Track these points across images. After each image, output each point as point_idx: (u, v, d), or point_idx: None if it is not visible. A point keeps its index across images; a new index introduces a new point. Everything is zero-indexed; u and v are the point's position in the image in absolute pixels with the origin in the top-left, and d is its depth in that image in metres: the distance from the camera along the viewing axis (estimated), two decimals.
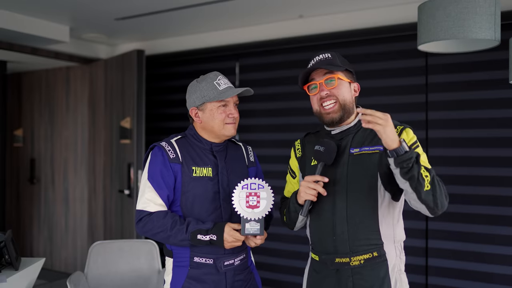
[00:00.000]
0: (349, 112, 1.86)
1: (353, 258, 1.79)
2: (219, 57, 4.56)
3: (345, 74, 1.87)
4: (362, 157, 1.80)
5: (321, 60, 1.88)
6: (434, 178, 1.66)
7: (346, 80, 1.86)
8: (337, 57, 1.89)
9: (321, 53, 1.91)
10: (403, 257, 1.85)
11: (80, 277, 2.85)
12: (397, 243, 1.83)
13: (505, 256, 3.31)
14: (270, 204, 1.88)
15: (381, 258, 1.78)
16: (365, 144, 1.82)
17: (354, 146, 1.84)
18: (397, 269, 1.80)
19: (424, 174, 1.63)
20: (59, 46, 4.69)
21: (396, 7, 3.71)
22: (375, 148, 1.80)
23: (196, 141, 2.04)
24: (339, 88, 1.84)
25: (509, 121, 3.33)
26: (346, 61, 1.92)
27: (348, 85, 1.87)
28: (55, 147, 5.62)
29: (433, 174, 1.67)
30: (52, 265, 5.58)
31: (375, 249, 1.78)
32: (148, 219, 1.93)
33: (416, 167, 1.62)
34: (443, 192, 1.68)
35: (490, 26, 2.16)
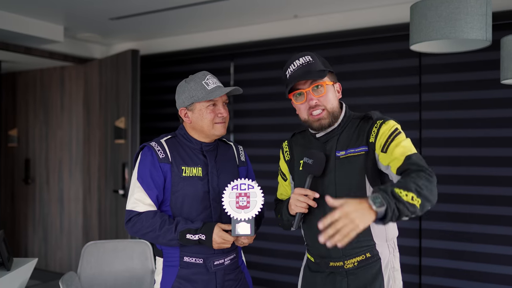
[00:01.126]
0: (336, 117, 1.83)
1: (346, 262, 1.79)
2: (214, 57, 4.56)
3: (329, 76, 1.82)
4: (348, 160, 1.78)
5: (303, 65, 1.80)
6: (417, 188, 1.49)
7: (331, 84, 1.82)
8: (317, 59, 1.82)
9: (299, 55, 1.84)
10: (397, 254, 1.84)
11: (73, 277, 2.84)
12: (390, 241, 1.82)
13: (499, 256, 3.32)
14: (260, 204, 1.88)
15: (374, 258, 1.78)
16: (350, 146, 1.79)
17: (339, 148, 1.81)
18: (391, 266, 1.80)
19: (409, 200, 1.46)
20: (54, 46, 4.68)
21: (389, 7, 3.72)
22: (360, 149, 1.77)
23: (186, 141, 2.04)
24: (327, 95, 1.79)
25: (501, 121, 3.34)
26: (325, 61, 1.86)
27: (333, 88, 1.84)
28: (50, 147, 5.61)
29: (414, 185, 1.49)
30: (47, 266, 5.57)
31: (368, 250, 1.78)
32: (137, 219, 1.93)
33: (403, 207, 1.45)
34: (430, 188, 1.52)
35: (482, 27, 2.16)
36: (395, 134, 1.72)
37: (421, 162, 1.61)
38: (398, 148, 1.67)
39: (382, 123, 1.76)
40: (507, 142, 3.33)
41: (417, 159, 1.62)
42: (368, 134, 1.77)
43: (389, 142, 1.70)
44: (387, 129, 1.74)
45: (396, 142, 1.69)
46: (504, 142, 3.33)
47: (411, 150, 1.67)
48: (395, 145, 1.68)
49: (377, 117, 1.79)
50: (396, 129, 1.74)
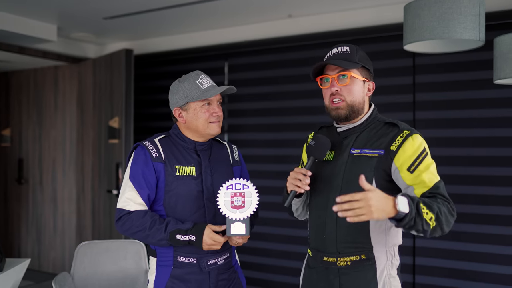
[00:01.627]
0: (357, 112, 1.82)
1: (339, 259, 1.77)
2: (208, 57, 4.56)
3: (360, 71, 1.81)
4: (361, 159, 1.77)
5: (337, 54, 1.82)
6: (439, 212, 1.58)
7: (360, 78, 1.81)
8: (355, 51, 1.82)
9: (340, 45, 1.85)
10: (395, 262, 1.80)
11: (66, 278, 2.82)
12: (390, 248, 1.78)
13: (494, 255, 3.33)
14: (255, 204, 1.88)
15: (369, 261, 1.75)
16: (367, 146, 1.78)
17: (356, 146, 1.80)
18: (386, 273, 1.76)
19: (428, 219, 1.55)
20: (47, 45, 4.66)
21: (383, 7, 3.72)
22: (376, 151, 1.76)
23: (179, 140, 2.04)
24: (350, 86, 1.79)
25: (494, 120, 3.35)
26: (365, 56, 1.84)
27: (362, 84, 1.82)
28: (44, 147, 5.58)
29: (437, 209, 1.58)
30: (40, 266, 5.54)
31: (363, 252, 1.75)
32: (127, 218, 1.93)
33: (419, 221, 1.53)
34: (449, 219, 1.62)
35: (475, 27, 2.17)
36: (424, 155, 1.72)
37: (446, 194, 1.68)
38: (426, 174, 1.69)
39: (408, 135, 1.74)
40: (500, 141, 3.34)
41: (443, 190, 1.69)
42: (390, 140, 1.75)
43: (417, 164, 1.70)
44: (415, 147, 1.72)
45: (424, 165, 1.70)
46: (498, 142, 3.35)
47: (437, 176, 1.71)
48: (424, 169, 1.69)
49: (403, 127, 1.77)
50: (424, 149, 1.73)
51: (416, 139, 1.73)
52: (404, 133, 1.74)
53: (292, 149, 4.10)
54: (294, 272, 4.08)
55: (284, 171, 4.14)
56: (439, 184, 1.69)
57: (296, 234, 4.06)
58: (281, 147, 4.15)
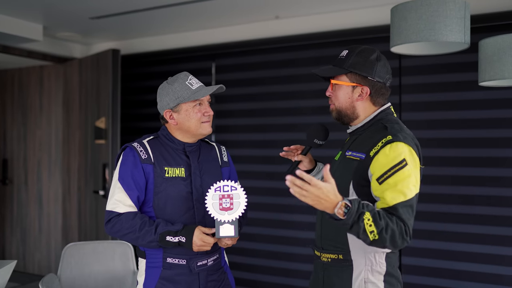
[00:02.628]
0: (347, 116, 1.84)
1: (323, 254, 1.84)
2: (195, 57, 4.55)
3: (350, 77, 1.80)
4: (346, 161, 1.80)
5: (335, 58, 1.86)
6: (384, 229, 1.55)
7: (347, 84, 1.81)
8: (350, 56, 1.80)
9: (347, 48, 1.85)
10: (378, 269, 1.76)
11: (53, 279, 2.81)
12: (369, 254, 1.75)
13: (478, 254, 3.38)
14: (243, 205, 1.89)
15: (346, 262, 1.78)
16: (356, 149, 1.78)
17: (351, 148, 1.82)
18: (362, 278, 1.75)
19: (368, 231, 1.54)
20: (32, 45, 4.61)
21: (370, 9, 3.75)
22: (358, 155, 1.76)
23: (168, 141, 2.04)
24: (335, 92, 1.84)
25: (479, 122, 3.40)
26: (362, 61, 1.79)
27: (349, 89, 1.81)
28: (29, 147, 5.53)
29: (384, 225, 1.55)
30: (25, 268, 5.48)
31: (341, 253, 1.79)
32: (117, 220, 1.92)
33: (356, 228, 1.54)
34: (396, 239, 1.58)
35: (460, 29, 2.21)
36: (398, 168, 1.64)
37: (405, 216, 1.61)
38: (392, 191, 1.63)
39: (388, 142, 1.67)
40: (485, 142, 3.39)
41: (403, 212, 1.61)
42: (373, 145, 1.71)
43: (388, 176, 1.64)
44: (391, 157, 1.65)
45: (395, 180, 1.63)
46: (482, 143, 3.40)
47: (406, 194, 1.62)
48: (393, 183, 1.63)
49: (391, 132, 1.71)
50: (402, 161, 1.64)
51: (395, 148, 1.66)
52: (386, 138, 1.68)
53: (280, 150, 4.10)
54: (283, 272, 4.09)
55: (272, 171, 4.16)
56: (399, 206, 1.61)
57: (284, 234, 4.08)
58: (268, 147, 4.16)
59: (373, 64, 1.80)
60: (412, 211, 1.65)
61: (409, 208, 1.63)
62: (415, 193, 1.67)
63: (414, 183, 1.66)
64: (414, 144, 1.73)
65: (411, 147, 1.70)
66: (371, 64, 1.80)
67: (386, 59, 1.86)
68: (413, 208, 1.65)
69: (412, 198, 1.65)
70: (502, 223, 3.31)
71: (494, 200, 3.34)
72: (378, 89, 1.82)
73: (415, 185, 1.67)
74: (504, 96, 3.31)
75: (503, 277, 3.30)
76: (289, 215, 4.05)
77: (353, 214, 1.53)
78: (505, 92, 3.30)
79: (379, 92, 1.82)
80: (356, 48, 1.84)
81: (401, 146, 1.67)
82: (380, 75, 1.81)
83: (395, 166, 1.64)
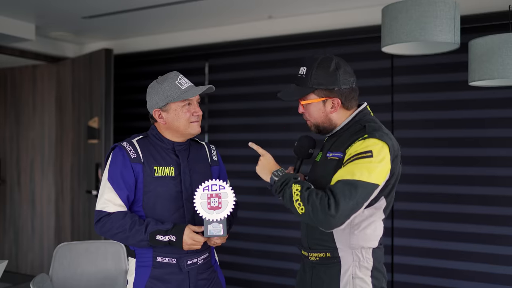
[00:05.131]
0: (325, 128, 1.86)
1: (310, 254, 1.86)
2: (188, 57, 4.55)
3: (317, 93, 1.81)
4: (328, 162, 1.82)
5: (297, 77, 1.87)
6: (308, 198, 1.63)
7: (315, 101, 1.82)
8: (310, 73, 1.80)
9: (303, 63, 1.86)
10: (365, 264, 1.78)
11: (45, 279, 2.80)
12: (356, 250, 1.77)
13: (469, 253, 3.40)
14: (232, 204, 1.90)
15: (334, 259, 1.80)
16: (336, 149, 1.81)
17: (331, 149, 1.84)
18: (350, 273, 1.77)
19: (294, 199, 1.68)
20: (25, 44, 4.60)
21: (362, 9, 3.77)
22: (336, 154, 1.79)
23: (158, 140, 2.04)
24: (307, 110, 1.86)
25: (469, 121, 3.43)
26: (325, 74, 1.79)
27: (320, 105, 1.82)
28: (21, 147, 5.51)
29: (307, 194, 1.64)
30: (18, 268, 5.47)
31: (329, 251, 1.81)
32: (107, 219, 1.92)
33: (286, 194, 1.72)
34: (317, 210, 1.61)
35: (450, 30, 2.22)
36: (363, 156, 1.66)
37: (337, 191, 1.61)
38: (342, 171, 1.67)
39: (363, 138, 1.71)
40: (475, 142, 3.41)
41: (337, 188, 1.62)
42: (350, 143, 1.75)
43: (350, 161, 1.68)
44: (360, 147, 1.69)
45: (355, 164, 1.65)
46: (472, 142, 3.42)
47: (352, 175, 1.63)
48: (350, 166, 1.66)
49: (368, 130, 1.74)
50: (369, 151, 1.66)
51: (366, 141, 1.69)
52: (363, 137, 1.71)
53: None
54: (274, 271, 4.10)
55: None
56: (340, 182, 1.63)
57: (275, 233, 4.09)
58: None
59: (335, 75, 1.79)
60: (354, 192, 1.61)
61: (350, 186, 1.61)
62: (369, 181, 1.64)
63: (372, 172, 1.64)
64: (390, 142, 1.72)
65: (385, 143, 1.70)
66: (333, 75, 1.79)
67: (345, 62, 1.84)
68: (356, 189, 1.61)
69: (359, 181, 1.62)
70: (493, 222, 3.34)
71: (485, 199, 3.37)
72: (347, 95, 1.82)
73: (374, 175, 1.65)
74: (494, 96, 3.34)
75: (494, 276, 3.32)
76: (280, 215, 4.06)
77: (284, 177, 1.74)
78: (495, 92, 3.32)
79: (349, 97, 1.83)
80: (313, 61, 1.82)
81: (373, 141, 1.69)
82: (345, 82, 1.81)
83: (358, 154, 1.67)
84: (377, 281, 1.81)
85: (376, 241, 1.81)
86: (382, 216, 1.81)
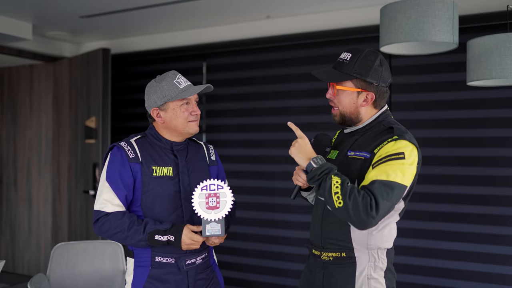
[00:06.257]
0: (351, 120, 1.84)
1: (323, 253, 1.83)
2: (186, 57, 4.54)
3: (355, 82, 1.79)
4: (351, 161, 1.80)
5: (337, 62, 1.84)
6: (350, 194, 1.60)
7: (351, 90, 1.80)
8: (355, 60, 1.78)
9: (349, 50, 1.83)
10: (380, 265, 1.78)
11: (42, 280, 2.79)
12: (373, 250, 1.77)
13: (465, 253, 3.40)
14: (230, 204, 1.90)
15: (350, 260, 1.78)
16: (360, 149, 1.79)
17: (352, 148, 1.83)
18: (366, 274, 1.77)
19: (333, 191, 1.62)
20: (22, 44, 4.58)
21: (360, 9, 3.77)
22: (363, 154, 1.77)
23: (156, 140, 2.04)
24: (338, 97, 1.83)
25: (468, 121, 3.43)
26: (368, 66, 1.78)
27: (354, 95, 1.81)
28: (18, 147, 5.49)
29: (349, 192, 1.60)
30: (15, 268, 5.45)
31: (344, 251, 1.79)
32: (105, 219, 1.91)
33: (324, 185, 1.65)
34: (359, 207, 1.59)
35: (449, 30, 2.22)
36: (396, 157, 1.66)
37: (377, 192, 1.60)
38: (376, 171, 1.66)
39: (393, 140, 1.70)
40: (473, 142, 3.42)
41: (375, 188, 1.61)
42: (378, 144, 1.74)
43: (381, 162, 1.67)
44: (392, 149, 1.68)
45: (388, 165, 1.65)
46: (471, 142, 3.43)
47: (388, 176, 1.63)
48: (384, 167, 1.65)
49: (396, 132, 1.73)
50: (401, 153, 1.67)
51: (398, 143, 1.69)
52: (393, 138, 1.71)
53: (270, 149, 4.11)
54: (272, 271, 4.10)
55: (262, 171, 4.16)
56: (376, 182, 1.62)
57: (274, 234, 4.08)
58: (259, 147, 4.16)
59: (378, 70, 1.80)
60: (391, 193, 1.62)
61: (387, 187, 1.62)
62: (403, 183, 1.66)
63: (405, 173, 1.66)
64: (417, 146, 1.76)
65: (415, 146, 1.73)
66: (376, 70, 1.79)
67: (387, 61, 1.86)
68: (392, 190, 1.62)
69: (394, 182, 1.63)
70: (492, 222, 3.34)
71: (484, 199, 3.37)
72: (381, 94, 1.83)
73: (406, 177, 1.67)
74: (492, 95, 3.34)
75: (493, 275, 3.33)
76: (279, 215, 4.05)
77: (325, 166, 1.68)
78: (493, 92, 3.33)
79: (382, 96, 1.84)
80: (360, 52, 1.81)
81: (405, 143, 1.71)
82: (384, 80, 1.82)
83: (391, 155, 1.67)
84: (390, 281, 1.82)
85: (391, 242, 1.83)
86: (397, 218, 1.83)
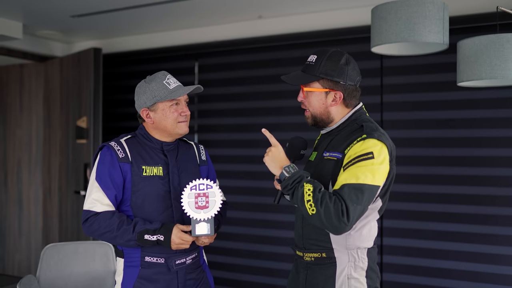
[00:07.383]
0: (322, 121, 1.85)
1: (305, 254, 1.85)
2: (178, 57, 4.53)
3: (322, 83, 1.81)
4: (326, 161, 1.81)
5: (304, 64, 1.86)
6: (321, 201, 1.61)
7: (318, 90, 1.81)
8: (320, 62, 1.80)
9: (314, 53, 1.85)
10: (360, 264, 1.79)
11: (32, 281, 2.77)
12: (352, 250, 1.78)
13: (457, 252, 3.42)
14: (219, 204, 1.90)
15: (330, 260, 1.80)
16: (333, 149, 1.80)
17: (328, 149, 1.83)
18: (346, 274, 1.78)
19: (306, 199, 1.64)
20: (12, 43, 4.55)
21: (351, 9, 3.78)
22: (335, 155, 1.78)
23: (146, 140, 2.03)
24: (308, 98, 1.85)
25: (458, 121, 3.45)
26: (333, 66, 1.79)
27: (322, 95, 1.82)
28: (8, 147, 5.45)
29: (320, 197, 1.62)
30: (4, 269, 5.40)
31: (324, 251, 1.81)
32: (94, 219, 1.91)
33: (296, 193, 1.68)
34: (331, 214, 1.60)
35: (439, 30, 2.23)
36: (365, 157, 1.67)
37: (347, 197, 1.62)
38: (346, 174, 1.67)
39: (362, 139, 1.71)
40: (463, 142, 3.44)
41: (345, 193, 1.62)
42: (348, 144, 1.75)
43: (352, 163, 1.68)
44: (360, 149, 1.69)
45: (357, 166, 1.66)
46: (461, 142, 3.45)
47: (357, 179, 1.64)
48: (354, 169, 1.66)
49: (366, 131, 1.74)
50: (369, 152, 1.68)
51: (366, 142, 1.70)
52: (362, 137, 1.72)
53: (262, 150, 4.09)
54: (263, 271, 4.10)
55: (254, 171, 4.16)
56: (345, 186, 1.63)
57: (265, 234, 4.08)
58: (251, 147, 4.16)
59: (344, 69, 1.80)
60: (361, 196, 1.63)
61: (357, 191, 1.63)
62: (374, 183, 1.66)
63: (375, 174, 1.67)
64: (388, 143, 1.75)
65: (384, 144, 1.72)
66: (342, 69, 1.80)
67: (354, 61, 1.87)
68: (363, 193, 1.63)
69: (364, 184, 1.64)
70: (482, 222, 3.37)
71: (474, 199, 3.39)
72: (350, 92, 1.83)
73: (377, 177, 1.67)
74: (482, 96, 3.37)
75: (483, 275, 3.35)
76: (270, 215, 4.05)
77: (296, 175, 1.70)
78: (483, 93, 3.35)
79: (351, 94, 1.84)
80: (325, 52, 1.83)
81: (373, 142, 1.71)
82: (351, 78, 1.82)
83: (360, 156, 1.68)
84: (372, 281, 1.82)
85: (371, 241, 1.83)
86: (376, 216, 1.83)
